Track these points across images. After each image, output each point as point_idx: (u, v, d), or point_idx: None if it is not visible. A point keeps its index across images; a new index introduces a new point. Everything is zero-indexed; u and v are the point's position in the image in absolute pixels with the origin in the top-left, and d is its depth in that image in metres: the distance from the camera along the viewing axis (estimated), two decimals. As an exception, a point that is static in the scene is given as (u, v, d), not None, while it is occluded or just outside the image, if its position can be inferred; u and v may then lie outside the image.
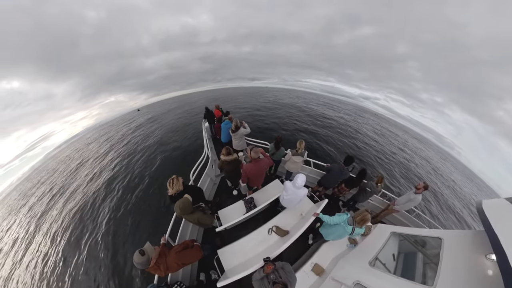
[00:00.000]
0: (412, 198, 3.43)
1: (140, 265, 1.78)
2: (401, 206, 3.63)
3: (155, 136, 18.28)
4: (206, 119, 7.60)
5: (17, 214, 14.31)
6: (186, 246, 2.40)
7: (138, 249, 1.81)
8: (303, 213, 3.18)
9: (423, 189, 3.31)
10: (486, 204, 1.76)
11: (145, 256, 1.79)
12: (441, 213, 10.52)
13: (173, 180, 2.57)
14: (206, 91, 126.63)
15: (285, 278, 1.64)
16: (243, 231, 3.01)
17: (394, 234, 2.63)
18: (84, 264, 6.51)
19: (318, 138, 14.44)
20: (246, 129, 4.56)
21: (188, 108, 31.84)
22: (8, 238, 11.28)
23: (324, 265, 2.53)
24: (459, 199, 15.02)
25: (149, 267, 1.86)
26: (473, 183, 31.62)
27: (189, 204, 2.43)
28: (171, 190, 2.58)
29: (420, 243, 2.39)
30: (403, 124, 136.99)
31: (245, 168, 3.10)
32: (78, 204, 10.57)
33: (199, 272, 2.96)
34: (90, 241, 7.36)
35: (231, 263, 2.56)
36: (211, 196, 4.48)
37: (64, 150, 38.49)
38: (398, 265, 2.37)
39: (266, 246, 2.70)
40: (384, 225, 3.04)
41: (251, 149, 3.00)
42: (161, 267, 1.92)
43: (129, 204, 8.58)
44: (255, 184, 3.60)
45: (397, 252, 2.51)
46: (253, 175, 3.21)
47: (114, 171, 12.71)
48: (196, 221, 2.62)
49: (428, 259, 2.13)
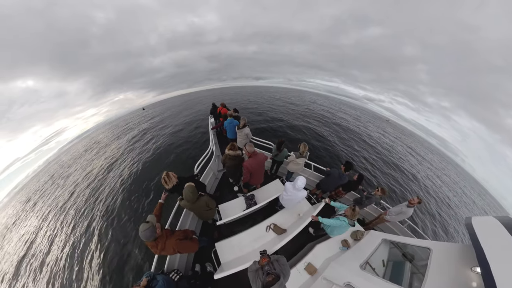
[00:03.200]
0: (404, 210, 3.50)
1: (147, 232, 1.90)
2: (393, 217, 3.72)
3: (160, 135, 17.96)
4: (212, 115, 7.68)
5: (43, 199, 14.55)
6: (186, 236, 2.50)
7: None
8: (300, 213, 3.28)
9: (416, 204, 3.37)
10: (475, 220, 1.87)
11: (150, 224, 1.95)
12: (433, 224, 10.80)
13: (166, 176, 2.57)
14: (212, 90, 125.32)
15: (279, 270, 1.71)
16: (242, 227, 3.10)
17: (385, 241, 2.76)
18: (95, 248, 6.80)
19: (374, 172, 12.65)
20: (249, 131, 4.63)
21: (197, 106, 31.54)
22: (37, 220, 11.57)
23: (317, 265, 2.63)
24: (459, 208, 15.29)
25: (149, 242, 1.99)
26: (478, 193, 31.18)
27: (194, 190, 2.44)
28: (168, 185, 2.59)
29: (410, 252, 2.51)
30: (406, 127, 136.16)
31: (246, 163, 3.14)
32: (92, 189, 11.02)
33: (195, 263, 3.05)
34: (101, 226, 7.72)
35: (228, 256, 2.65)
36: (212, 190, 4.57)
37: (76, 144, 39.55)
38: (387, 271, 2.50)
39: (263, 243, 2.80)
40: (376, 232, 3.17)
41: (245, 144, 3.09)
42: (159, 246, 2.05)
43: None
44: (256, 181, 3.64)
45: (387, 259, 2.64)
46: (254, 169, 3.24)
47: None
48: (205, 205, 2.68)
49: (415, 268, 2.25)
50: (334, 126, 20.14)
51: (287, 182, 2.98)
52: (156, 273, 2.23)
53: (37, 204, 14.25)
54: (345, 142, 15.99)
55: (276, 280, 1.56)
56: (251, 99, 33.12)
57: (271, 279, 1.58)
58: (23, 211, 14.41)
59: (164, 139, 15.33)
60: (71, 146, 48.03)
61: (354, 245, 2.96)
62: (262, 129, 14.89)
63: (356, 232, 3.16)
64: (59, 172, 19.54)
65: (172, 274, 2.29)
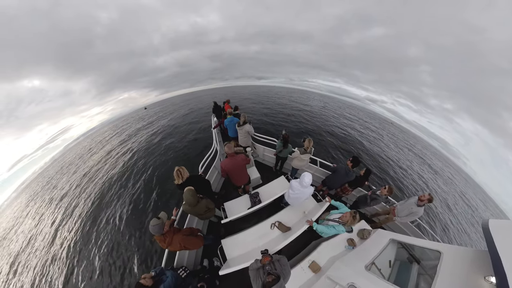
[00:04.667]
0: (414, 211, 3.23)
1: (155, 228, 2.05)
2: (402, 219, 3.47)
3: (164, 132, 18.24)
4: (214, 114, 7.72)
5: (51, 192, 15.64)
6: (192, 233, 2.64)
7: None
8: (306, 211, 3.26)
9: (427, 201, 3.09)
10: (492, 224, 1.72)
11: (160, 221, 2.10)
12: (447, 226, 10.39)
13: (179, 171, 2.70)
14: (214, 89, 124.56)
15: (280, 270, 1.72)
16: (247, 224, 3.15)
17: (393, 241, 2.68)
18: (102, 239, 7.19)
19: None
20: (250, 128, 4.53)
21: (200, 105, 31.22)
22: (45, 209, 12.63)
23: (321, 263, 2.64)
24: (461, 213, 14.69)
25: (157, 237, 2.13)
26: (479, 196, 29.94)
27: (194, 193, 2.50)
28: (179, 180, 2.71)
29: (418, 254, 2.43)
30: (409, 129, 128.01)
31: (222, 163, 3.12)
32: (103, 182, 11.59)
33: (203, 258, 3.20)
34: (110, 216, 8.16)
35: (233, 253, 2.72)
36: (217, 188, 4.67)
37: (81, 142, 40.88)
38: (393, 272, 2.45)
39: (267, 240, 2.83)
40: (384, 231, 3.08)
41: (225, 145, 3.02)
42: (166, 240, 2.19)
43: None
44: (237, 182, 3.44)
45: (394, 260, 2.57)
46: (230, 170, 3.15)
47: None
48: (205, 207, 2.76)
49: (424, 270, 2.17)
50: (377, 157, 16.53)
51: (292, 179, 2.92)
52: (166, 269, 2.36)
53: (50, 196, 15.21)
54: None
55: (276, 281, 1.57)
56: (261, 100, 31.35)
57: (271, 279, 1.59)
58: (34, 205, 15.29)
59: (165, 139, 15.50)
60: (77, 143, 50.30)
61: (360, 244, 2.92)
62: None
63: (363, 230, 3.10)
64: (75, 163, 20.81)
65: (180, 270, 2.41)
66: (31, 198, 17.62)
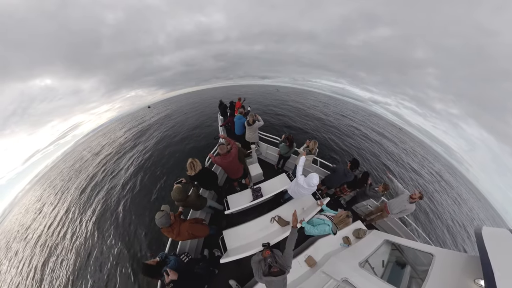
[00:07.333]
0: (407, 208, 3.32)
1: (162, 219, 2.12)
2: (395, 215, 3.57)
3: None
4: (220, 112, 7.96)
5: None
6: (197, 221, 2.76)
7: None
8: (304, 207, 3.35)
9: (418, 199, 3.20)
10: (486, 231, 1.76)
11: (164, 212, 2.18)
12: (439, 228, 10.55)
13: (192, 163, 2.76)
14: (219, 88, 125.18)
15: (281, 263, 1.79)
16: (248, 217, 3.25)
17: (387, 242, 2.77)
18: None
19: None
20: (260, 122, 4.65)
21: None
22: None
23: (317, 258, 2.76)
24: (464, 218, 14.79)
25: (165, 229, 2.20)
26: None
27: (180, 190, 2.62)
28: (192, 171, 2.78)
29: (411, 256, 2.52)
30: (412, 133, 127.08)
31: (214, 159, 3.25)
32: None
33: (204, 248, 3.32)
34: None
35: (234, 243, 2.84)
36: (221, 182, 4.81)
37: (91, 138, 42.01)
38: (386, 272, 2.55)
39: (267, 233, 2.94)
40: (379, 231, 3.19)
41: (218, 145, 3.16)
42: (174, 231, 2.27)
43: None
44: (232, 175, 3.69)
45: (387, 260, 2.67)
46: (222, 167, 3.42)
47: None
48: (196, 196, 2.91)
49: (415, 273, 2.26)
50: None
51: (301, 176, 2.87)
52: (169, 254, 2.46)
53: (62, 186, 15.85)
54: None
55: (280, 273, 1.66)
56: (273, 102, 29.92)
57: (277, 270, 1.68)
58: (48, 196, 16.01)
59: (170, 137, 16.05)
60: (86, 139, 51.43)
61: (356, 242, 3.03)
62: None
63: (359, 230, 3.21)
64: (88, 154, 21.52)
65: (183, 256, 2.52)
66: (51, 188, 18.27)
